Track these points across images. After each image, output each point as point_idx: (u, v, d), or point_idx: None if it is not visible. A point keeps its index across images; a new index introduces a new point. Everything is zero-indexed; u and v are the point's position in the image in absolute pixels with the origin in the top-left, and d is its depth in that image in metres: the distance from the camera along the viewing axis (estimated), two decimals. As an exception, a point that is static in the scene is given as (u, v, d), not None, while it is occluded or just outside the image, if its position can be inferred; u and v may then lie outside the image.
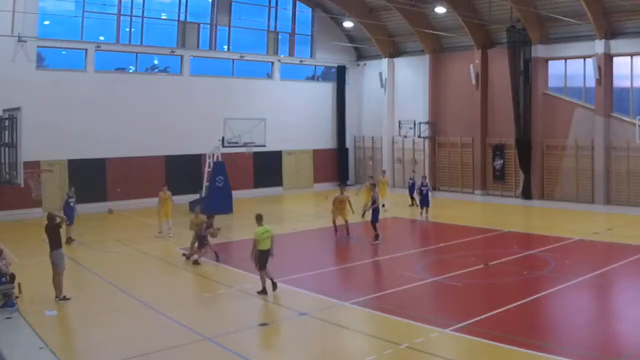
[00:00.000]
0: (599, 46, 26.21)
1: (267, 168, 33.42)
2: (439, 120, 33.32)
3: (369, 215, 20.11)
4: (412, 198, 27.22)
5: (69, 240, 19.08)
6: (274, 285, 13.57)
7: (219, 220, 19.05)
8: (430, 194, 24.64)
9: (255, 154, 30.53)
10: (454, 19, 29.99)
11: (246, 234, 19.93)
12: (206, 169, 27.11)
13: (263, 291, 13.51)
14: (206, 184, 26.75)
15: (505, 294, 13.65)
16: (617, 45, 26.09)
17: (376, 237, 19.23)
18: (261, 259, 13.47)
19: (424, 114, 33.65)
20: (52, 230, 13.42)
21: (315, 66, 36.72)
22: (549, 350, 9.76)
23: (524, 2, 27.02)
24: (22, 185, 16.02)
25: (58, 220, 13.62)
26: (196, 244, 16.87)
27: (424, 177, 26.51)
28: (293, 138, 34.36)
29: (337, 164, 37.00)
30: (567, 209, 26.12)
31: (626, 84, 26.28)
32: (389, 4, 30.67)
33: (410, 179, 28.34)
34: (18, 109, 15.08)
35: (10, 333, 11.18)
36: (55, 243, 13.36)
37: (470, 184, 31.96)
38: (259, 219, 13.77)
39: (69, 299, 13.15)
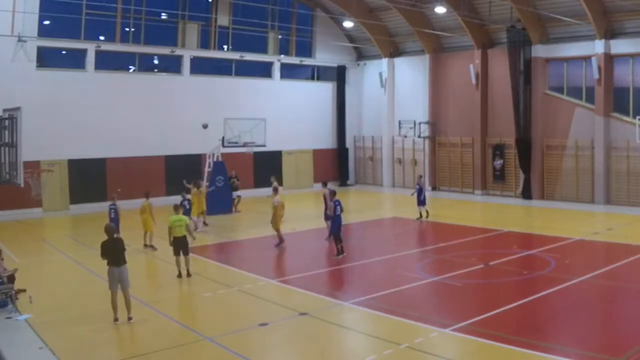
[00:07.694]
0: (599, 46, 26.20)
1: (267, 168, 33.37)
2: (439, 120, 33.31)
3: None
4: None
5: None
6: (188, 274, 15.03)
7: (218, 220, 19.13)
8: (423, 191, 23.57)
9: (256, 153, 30.55)
10: (454, 19, 29.99)
11: (247, 233, 20.00)
12: (206, 169, 27.12)
13: (179, 275, 15.03)
14: (206, 184, 26.71)
15: (505, 294, 13.65)
16: (617, 45, 26.09)
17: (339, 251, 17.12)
18: (175, 245, 15.01)
19: (424, 114, 33.65)
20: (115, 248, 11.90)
21: (315, 66, 36.72)
22: (549, 350, 9.75)
23: (524, 2, 27.02)
24: (22, 185, 15.97)
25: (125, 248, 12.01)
26: None
27: (420, 176, 26.33)
28: (293, 138, 34.38)
29: (337, 164, 37.01)
30: (567, 209, 26.09)
31: (626, 84, 26.31)
32: (389, 4, 30.66)
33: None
34: (18, 109, 15.04)
35: (10, 333, 11.17)
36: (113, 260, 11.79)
37: (470, 184, 31.96)
38: (176, 208, 15.75)
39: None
